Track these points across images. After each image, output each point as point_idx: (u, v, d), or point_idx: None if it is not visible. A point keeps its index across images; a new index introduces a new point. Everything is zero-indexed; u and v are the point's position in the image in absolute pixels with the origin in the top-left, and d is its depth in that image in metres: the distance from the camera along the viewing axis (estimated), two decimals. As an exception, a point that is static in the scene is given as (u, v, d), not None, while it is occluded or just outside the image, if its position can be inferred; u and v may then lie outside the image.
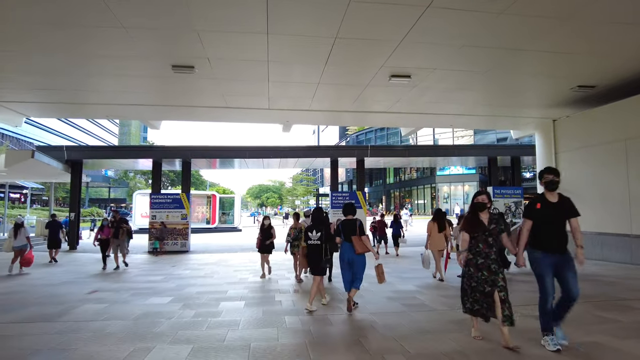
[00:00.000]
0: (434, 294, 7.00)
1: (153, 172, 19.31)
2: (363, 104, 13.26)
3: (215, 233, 30.24)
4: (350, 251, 5.73)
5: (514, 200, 19.05)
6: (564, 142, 13.03)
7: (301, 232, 8.84)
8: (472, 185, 42.89)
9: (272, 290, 7.54)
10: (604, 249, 11.24)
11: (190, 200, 18.52)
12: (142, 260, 14.09)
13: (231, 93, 12.06)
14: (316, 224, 6.11)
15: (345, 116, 15.14)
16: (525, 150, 20.30)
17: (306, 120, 15.48)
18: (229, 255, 15.53)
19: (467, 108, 13.98)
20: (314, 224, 6.12)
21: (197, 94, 12.22)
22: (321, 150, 19.17)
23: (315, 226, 6.08)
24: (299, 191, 59.59)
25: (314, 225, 6.10)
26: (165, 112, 14.51)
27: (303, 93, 11.93)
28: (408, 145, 25.99)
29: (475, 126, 19.40)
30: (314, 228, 6.06)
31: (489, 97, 12.67)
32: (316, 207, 6.40)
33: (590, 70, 10.24)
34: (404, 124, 16.90)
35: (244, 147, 18.47)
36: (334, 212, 18.04)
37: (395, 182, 54.92)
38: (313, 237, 6.03)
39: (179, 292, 7.44)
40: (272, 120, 15.59)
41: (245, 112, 14.14)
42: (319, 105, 13.46)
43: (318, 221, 6.14)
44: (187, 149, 18.93)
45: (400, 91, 11.80)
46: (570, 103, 12.90)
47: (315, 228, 6.06)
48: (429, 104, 13.17)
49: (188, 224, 18.27)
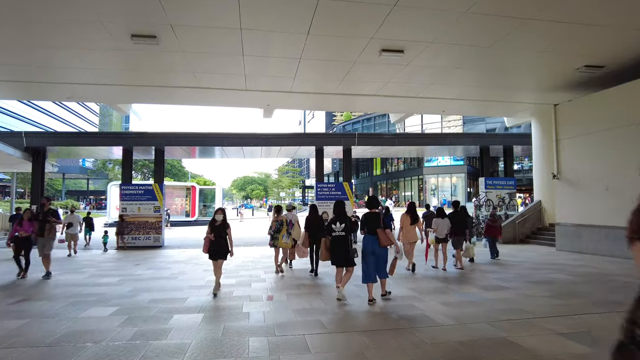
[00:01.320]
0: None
1: (123, 161, 17.86)
2: (351, 86, 12.05)
3: (196, 226, 28.83)
4: (373, 243, 5.78)
5: (507, 191, 18.20)
6: (567, 128, 12.07)
7: (282, 225, 8.64)
8: (460, 177, 42.22)
9: (241, 298, 6.33)
10: (612, 243, 10.35)
11: (163, 191, 17.12)
12: (105, 257, 12.72)
13: (202, 70, 10.71)
14: (339, 215, 6.09)
15: (332, 100, 13.92)
16: (520, 139, 19.42)
17: (289, 103, 14.21)
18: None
19: (461, 91, 12.91)
20: (337, 216, 6.10)
21: (164, 71, 10.85)
22: (306, 137, 17.93)
23: (338, 218, 6.07)
24: (285, 183, 58.24)
25: (337, 217, 6.08)
26: (132, 93, 13.06)
27: (284, 70, 10.66)
28: (397, 133, 25.01)
29: (468, 112, 18.42)
30: (337, 220, 6.06)
31: (487, 79, 11.59)
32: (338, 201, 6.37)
33: (602, 46, 9.22)
34: (394, 110, 15.77)
35: (222, 134, 17.11)
36: (320, 205, 16.87)
37: (382, 174, 54.02)
38: (337, 229, 6.01)
39: (129, 300, 6.18)
40: (251, 103, 14.27)
41: (221, 93, 12.80)
42: (302, 87, 12.20)
43: (341, 213, 6.13)
44: (160, 135, 17.48)
45: (391, 70, 10.62)
46: (572, 86, 11.92)
47: (338, 220, 6.05)
48: (422, 86, 12.05)
49: (161, 217, 16.89)
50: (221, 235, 6.71)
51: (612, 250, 10.28)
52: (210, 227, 6.76)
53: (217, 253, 6.72)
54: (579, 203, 11.50)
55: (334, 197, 17.20)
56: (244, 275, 8.47)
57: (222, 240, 6.72)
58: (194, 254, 13.17)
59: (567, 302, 5.82)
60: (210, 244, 6.70)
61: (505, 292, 6.50)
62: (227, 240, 6.79)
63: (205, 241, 6.75)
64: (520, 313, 5.21)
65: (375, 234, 5.77)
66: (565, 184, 12.04)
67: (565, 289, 6.78)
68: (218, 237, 6.68)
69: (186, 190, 30.84)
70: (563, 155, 12.15)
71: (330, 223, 6.16)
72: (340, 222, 6.02)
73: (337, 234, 6.00)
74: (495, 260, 10.37)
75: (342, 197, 17.21)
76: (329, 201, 17.01)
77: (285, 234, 8.67)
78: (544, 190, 15.09)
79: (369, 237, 5.85)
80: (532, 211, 15.10)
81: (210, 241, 6.70)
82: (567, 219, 11.89)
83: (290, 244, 8.76)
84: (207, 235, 6.74)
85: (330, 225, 6.11)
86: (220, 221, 6.77)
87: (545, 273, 8.29)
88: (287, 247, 8.87)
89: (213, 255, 6.74)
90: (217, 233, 6.69)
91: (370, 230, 5.84)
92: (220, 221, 6.77)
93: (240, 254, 12.72)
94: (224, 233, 6.73)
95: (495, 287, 6.94)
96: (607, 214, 10.52)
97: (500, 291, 6.61)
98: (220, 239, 6.69)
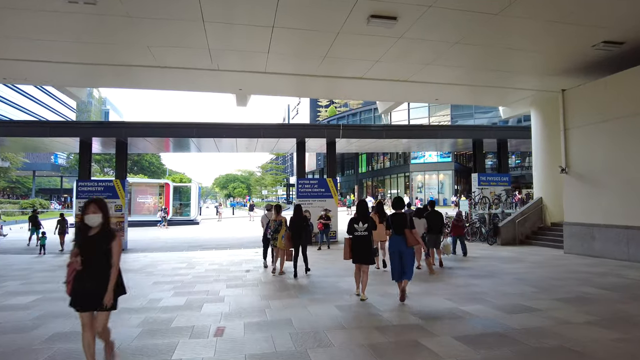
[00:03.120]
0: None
1: (80, 155, 15.87)
2: (334, 66, 10.46)
3: (170, 226, 26.90)
4: (400, 243, 5.83)
5: (503, 188, 16.90)
6: (577, 116, 10.71)
7: (281, 225, 8.26)
8: (447, 174, 41.12)
9: (180, 331, 4.64)
10: (631, 246, 9.02)
11: (125, 188, 15.24)
12: (42, 264, 10.91)
13: (158, 43, 8.97)
14: (362, 215, 6.14)
15: (313, 84, 12.30)
16: (516, 132, 18.16)
17: (264, 87, 12.52)
18: (169, 255, 12.56)
19: (458, 75, 11.47)
20: (359, 216, 6.14)
21: (112, 44, 9.07)
22: (286, 129, 16.24)
23: (361, 218, 6.11)
24: (267, 181, 56.35)
25: (360, 217, 6.12)
26: (83, 74, 11.18)
27: (255, 43, 9.00)
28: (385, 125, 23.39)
29: (462, 100, 17.05)
30: (360, 219, 6.09)
31: (488, 58, 10.14)
32: (361, 201, 6.48)
33: (627, 17, 7.85)
34: (382, 97, 14.23)
35: (191, 123, 15.28)
36: (301, 201, 15.26)
37: (367, 171, 52.65)
38: (360, 229, 6.04)
39: (19, 337, 4.44)
40: (221, 87, 12.53)
41: (185, 75, 11.05)
42: (278, 66, 10.54)
43: (364, 213, 6.18)
44: (122, 125, 15.62)
45: (381, 46, 9.05)
46: (581, 69, 10.58)
47: (361, 219, 6.09)
48: (414, 67, 10.54)
49: (123, 217, 15.03)
50: (96, 258, 3.33)
51: (635, 254, 8.95)
52: (77, 243, 3.44)
53: (86, 299, 3.32)
54: (592, 200, 10.15)
55: (316, 195, 15.63)
56: (198, 292, 6.77)
57: (99, 270, 3.33)
58: (157, 259, 11.52)
59: (627, 333, 4.32)
60: (75, 279, 3.32)
61: (533, 317, 4.99)
62: (110, 268, 3.36)
63: (69, 271, 3.36)
64: (569, 356, 3.70)
65: (402, 234, 5.81)
66: (574, 178, 10.68)
67: (609, 309, 5.29)
68: (90, 265, 3.31)
69: (159, 188, 28.78)
70: (572, 146, 10.79)
71: (352, 222, 6.13)
72: (363, 222, 6.04)
73: (359, 233, 6.02)
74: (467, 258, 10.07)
75: (325, 194, 15.64)
76: (312, 199, 15.44)
77: (285, 235, 8.15)
78: (546, 186, 13.78)
79: (395, 237, 5.89)
80: (533, 209, 13.78)
81: (76, 274, 3.32)
82: (578, 218, 10.54)
83: (290, 245, 8.27)
84: (71, 260, 3.34)
85: (352, 224, 6.10)
86: (97, 228, 3.38)
87: (569, 285, 6.84)
88: (287, 248, 8.28)
89: (79, 303, 3.34)
90: (89, 254, 3.33)
91: (398, 230, 5.86)
92: (96, 227, 3.38)
93: (206, 260, 11.03)
94: (101, 254, 3.34)
95: (517, 308, 5.44)
96: (627, 212, 9.18)
97: (525, 314, 5.11)
98: (94, 266, 3.32)
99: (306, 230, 8.41)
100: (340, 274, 8.20)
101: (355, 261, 6.08)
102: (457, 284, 7.19)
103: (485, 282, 7.20)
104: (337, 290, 6.66)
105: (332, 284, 7.22)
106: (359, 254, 6.02)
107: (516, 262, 9.53)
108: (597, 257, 9.73)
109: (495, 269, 8.70)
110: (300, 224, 8.16)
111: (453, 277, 7.84)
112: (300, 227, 8.13)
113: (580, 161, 10.59)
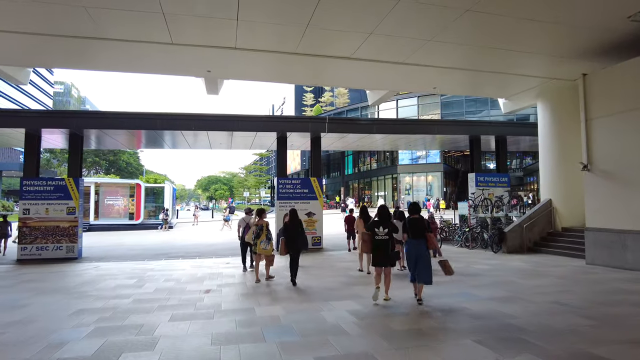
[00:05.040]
0: None
1: (26, 149, 13.72)
2: (318, 40, 8.71)
3: (141, 230, 24.73)
4: (417, 248, 6.01)
5: (504, 189, 15.39)
6: (602, 104, 9.20)
7: (262, 230, 8.03)
8: (436, 176, 39.74)
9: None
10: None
11: (80, 187, 13.18)
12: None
13: (97, 3, 7.06)
14: (382, 220, 6.21)
15: (294, 66, 10.53)
16: (518, 128, 16.71)
17: (237, 70, 10.68)
18: (125, 265, 10.68)
19: (460, 57, 9.90)
20: (380, 220, 6.21)
21: (42, 6, 7.12)
22: (264, 121, 14.35)
23: (381, 222, 6.18)
24: (250, 182, 54.15)
25: (381, 222, 6.18)
26: (17, 47, 9.14)
27: (220, 8, 7.18)
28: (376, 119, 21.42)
29: (462, 90, 15.51)
30: (381, 224, 6.16)
31: (499, 32, 8.50)
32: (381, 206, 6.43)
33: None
34: (374, 83, 12.53)
35: (154, 114, 13.26)
36: (281, 204, 13.45)
37: (354, 172, 51.00)
38: (380, 233, 6.13)
39: None
40: (186, 68, 10.61)
41: (137, 49, 9.13)
42: (251, 40, 8.74)
43: (384, 217, 6.25)
44: (74, 115, 13.53)
45: (376, 10, 7.30)
46: (607, 49, 9.10)
47: (382, 224, 6.16)
48: (414, 43, 8.87)
49: (77, 221, 12.99)
50: None
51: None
52: None
53: None
54: (623, 202, 8.61)
55: (299, 196, 13.82)
56: (127, 329, 4.85)
57: None
58: (106, 271, 9.65)
59: None
60: None
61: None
62: None
63: None
64: None
65: (419, 237, 6.00)
66: (598, 176, 9.14)
67: None
68: None
69: (130, 189, 26.49)
70: (596, 139, 9.26)
71: (373, 227, 6.23)
72: (384, 227, 6.14)
73: (380, 237, 6.12)
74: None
75: (309, 195, 13.87)
76: (294, 201, 13.63)
77: (265, 240, 7.89)
78: (555, 186, 12.28)
79: (412, 242, 6.08)
80: (541, 213, 12.25)
81: None
82: (603, 222, 9.00)
83: (271, 250, 7.97)
84: None
85: (373, 228, 6.19)
86: None
87: (633, 315, 5.19)
88: (267, 254, 7.96)
89: None
90: None
91: (415, 234, 6.04)
92: None
93: (164, 273, 9.12)
94: None
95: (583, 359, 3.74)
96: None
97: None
98: None
99: (302, 236, 7.97)
100: (332, 286, 6.42)
101: (377, 264, 6.15)
102: (479, 312, 5.46)
103: (514, 309, 5.50)
104: (321, 328, 4.86)
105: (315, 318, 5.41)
106: (380, 258, 6.11)
107: (537, 277, 7.90)
108: (632, 270, 8.18)
109: (517, 287, 7.03)
110: (295, 229, 7.76)
111: (472, 300, 6.12)
112: (296, 232, 7.75)
113: (606, 156, 9.05)
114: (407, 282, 6.54)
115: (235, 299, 6.40)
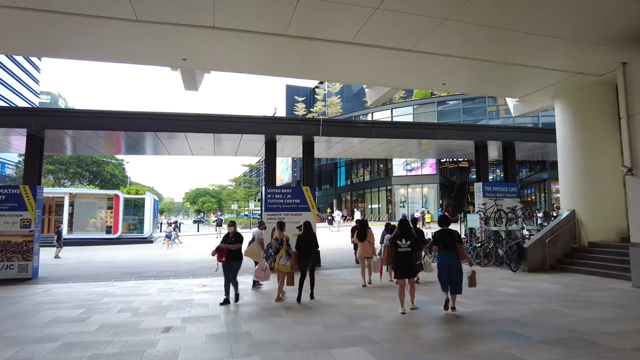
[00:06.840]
0: None
1: (-24, 152, 11.87)
2: (313, 17, 7.22)
3: (118, 245, 22.78)
4: (449, 259, 6.19)
5: (514, 200, 13.97)
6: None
7: (282, 244, 7.60)
8: (432, 188, 38.34)
9: None
10: None
11: (37, 196, 11.42)
12: None
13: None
14: (405, 233, 6.41)
15: (284, 54, 9.03)
16: (536, 134, 15.37)
17: (217, 58, 9.14)
18: (83, 288, 9.03)
19: (474, 47, 8.52)
20: (402, 233, 6.41)
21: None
22: (251, 122, 12.71)
23: (404, 235, 6.38)
24: (239, 194, 52.26)
25: (403, 234, 6.39)
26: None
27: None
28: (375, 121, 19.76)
29: (471, 87, 14.09)
30: (403, 236, 6.36)
31: (522, 13, 7.11)
32: (402, 219, 6.72)
33: None
34: (376, 78, 11.05)
35: (123, 112, 11.60)
36: (269, 216, 11.82)
37: (347, 184, 49.46)
38: (403, 245, 6.32)
39: None
40: (157, 56, 9.03)
41: (100, 27, 7.52)
42: (231, 18, 7.22)
43: (406, 230, 6.45)
44: (32, 113, 11.77)
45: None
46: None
47: (404, 237, 6.36)
48: (425, 24, 7.42)
49: (33, 235, 11.22)
50: None
51: None
52: None
53: None
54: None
55: (289, 207, 12.21)
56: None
57: None
58: (55, 296, 7.96)
59: None
60: None
61: None
62: None
63: None
64: None
65: (450, 249, 6.20)
66: (643, 183, 7.72)
67: None
68: None
69: (108, 201, 24.58)
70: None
71: (395, 239, 6.41)
72: (406, 239, 6.32)
73: (403, 249, 6.31)
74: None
75: (301, 206, 12.27)
76: (284, 212, 12.02)
77: (285, 255, 7.49)
78: (579, 197, 10.87)
79: (445, 253, 6.26)
80: (563, 226, 10.79)
81: None
82: (653, 237, 7.54)
83: (290, 267, 7.50)
84: None
85: (396, 241, 6.36)
86: None
87: None
88: (286, 271, 7.50)
89: None
90: None
91: (447, 246, 6.23)
92: None
93: (124, 300, 7.41)
94: None
95: None
96: None
97: None
98: None
99: (314, 251, 7.73)
100: (333, 323, 4.77)
101: (401, 276, 6.34)
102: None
103: None
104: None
105: None
106: (404, 269, 6.31)
107: (586, 306, 6.35)
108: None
109: (571, 322, 5.45)
110: (309, 243, 7.56)
111: (523, 346, 4.53)
112: (309, 246, 7.54)
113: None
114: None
115: (200, 343, 4.72)
